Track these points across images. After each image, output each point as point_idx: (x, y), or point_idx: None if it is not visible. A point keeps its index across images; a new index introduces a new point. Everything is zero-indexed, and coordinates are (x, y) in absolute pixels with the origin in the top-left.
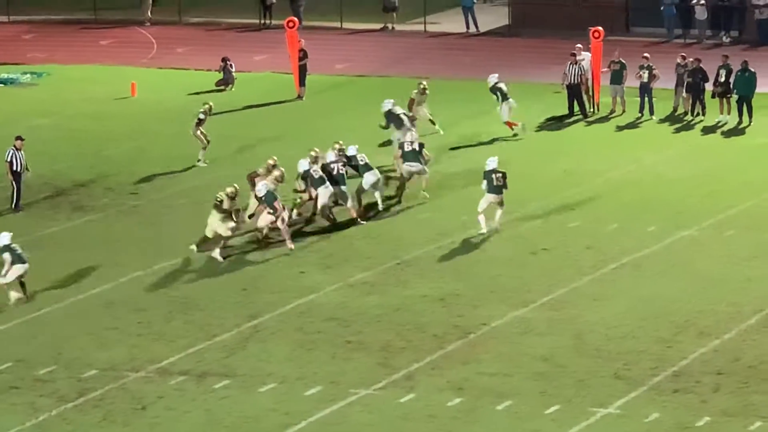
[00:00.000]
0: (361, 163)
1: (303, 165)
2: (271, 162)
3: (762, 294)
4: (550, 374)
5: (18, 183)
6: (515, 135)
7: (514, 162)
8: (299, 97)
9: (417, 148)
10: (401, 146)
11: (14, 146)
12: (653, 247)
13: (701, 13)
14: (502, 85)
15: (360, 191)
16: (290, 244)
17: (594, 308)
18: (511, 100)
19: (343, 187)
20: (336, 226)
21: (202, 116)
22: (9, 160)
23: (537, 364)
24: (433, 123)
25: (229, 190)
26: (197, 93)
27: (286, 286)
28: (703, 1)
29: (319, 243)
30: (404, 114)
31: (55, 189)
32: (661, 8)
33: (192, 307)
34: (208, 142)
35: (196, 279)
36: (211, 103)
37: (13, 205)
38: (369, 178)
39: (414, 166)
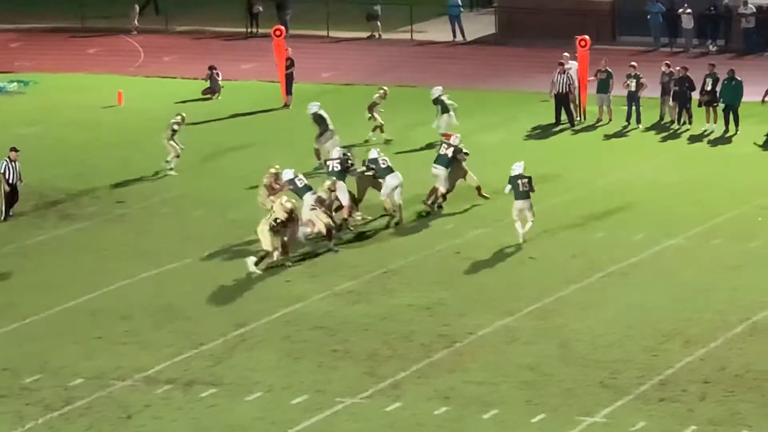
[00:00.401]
0: (382, 166)
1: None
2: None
3: (748, 302)
4: (536, 383)
5: (12, 194)
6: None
7: (500, 170)
8: (286, 105)
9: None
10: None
11: (8, 157)
12: (640, 255)
13: (688, 22)
14: (444, 98)
15: (384, 193)
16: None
17: (581, 317)
18: (452, 113)
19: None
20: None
21: (176, 127)
22: (2, 171)
23: (523, 372)
24: (380, 129)
25: (288, 205)
26: (184, 101)
27: (273, 295)
28: (689, 10)
29: (305, 252)
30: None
31: (42, 198)
32: (648, 17)
33: (178, 316)
34: (182, 150)
35: (183, 288)
36: (183, 114)
37: (2, 217)
38: (391, 182)
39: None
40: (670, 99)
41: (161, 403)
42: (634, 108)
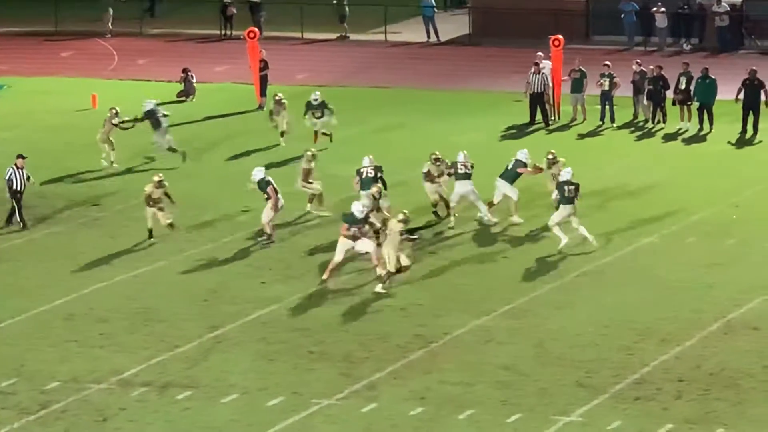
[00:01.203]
0: (460, 171)
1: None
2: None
3: (723, 300)
4: (512, 383)
5: (18, 201)
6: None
7: (476, 171)
8: (260, 107)
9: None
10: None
11: (15, 165)
12: (615, 254)
13: (662, 21)
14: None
15: (454, 199)
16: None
17: (556, 316)
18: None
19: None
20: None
21: (114, 121)
22: (9, 178)
23: (499, 372)
24: (281, 135)
25: (400, 217)
26: (159, 104)
27: (248, 296)
28: (663, 9)
29: (279, 254)
30: (164, 115)
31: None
32: (622, 16)
33: (153, 319)
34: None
35: (158, 290)
36: (116, 108)
37: (5, 222)
38: (459, 188)
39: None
40: (645, 98)
41: (137, 405)
42: (607, 107)
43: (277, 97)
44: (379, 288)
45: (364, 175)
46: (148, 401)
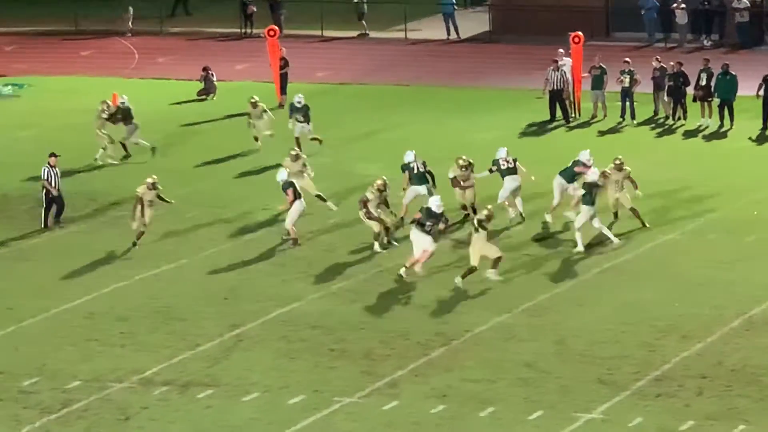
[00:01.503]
0: (503, 167)
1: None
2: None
3: (744, 297)
4: (533, 380)
5: (58, 200)
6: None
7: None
8: (280, 105)
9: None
10: None
11: (48, 163)
12: (635, 251)
13: (682, 17)
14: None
15: (502, 196)
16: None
17: (577, 313)
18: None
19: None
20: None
21: (104, 116)
22: (45, 178)
23: (520, 370)
24: (255, 140)
25: (485, 213)
26: (179, 103)
27: (269, 294)
28: (683, 5)
29: (300, 252)
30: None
31: (38, 201)
32: (642, 12)
33: (174, 317)
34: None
35: (179, 289)
36: (108, 101)
37: (41, 225)
38: (509, 184)
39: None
40: (665, 94)
41: (158, 404)
42: (628, 104)
43: (252, 101)
44: (458, 281)
45: (415, 170)
46: (169, 400)
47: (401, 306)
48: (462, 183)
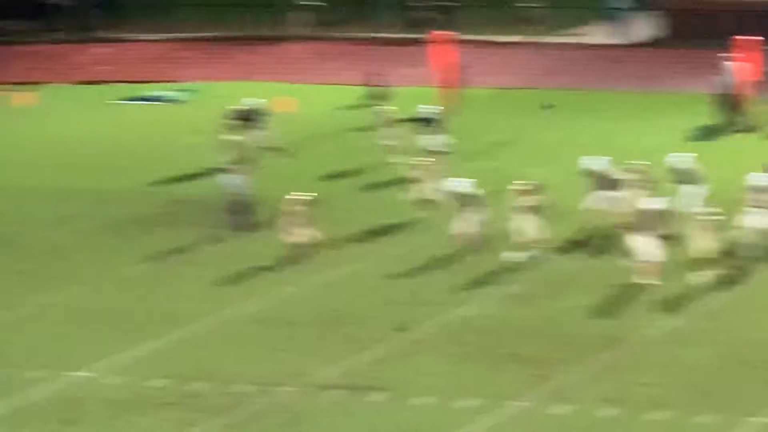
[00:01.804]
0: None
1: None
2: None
3: None
4: (704, 384)
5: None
6: None
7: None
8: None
9: None
10: None
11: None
12: None
13: None
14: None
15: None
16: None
17: (750, 319)
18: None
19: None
20: None
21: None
22: (234, 183)
23: (692, 373)
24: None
25: (711, 209)
26: (350, 108)
27: (435, 299)
28: None
29: (469, 257)
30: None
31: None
32: None
33: (343, 321)
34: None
35: (348, 294)
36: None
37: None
38: (688, 190)
39: None
40: None
41: (329, 408)
42: None
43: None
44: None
45: (609, 177)
46: (339, 403)
47: (570, 310)
48: None
